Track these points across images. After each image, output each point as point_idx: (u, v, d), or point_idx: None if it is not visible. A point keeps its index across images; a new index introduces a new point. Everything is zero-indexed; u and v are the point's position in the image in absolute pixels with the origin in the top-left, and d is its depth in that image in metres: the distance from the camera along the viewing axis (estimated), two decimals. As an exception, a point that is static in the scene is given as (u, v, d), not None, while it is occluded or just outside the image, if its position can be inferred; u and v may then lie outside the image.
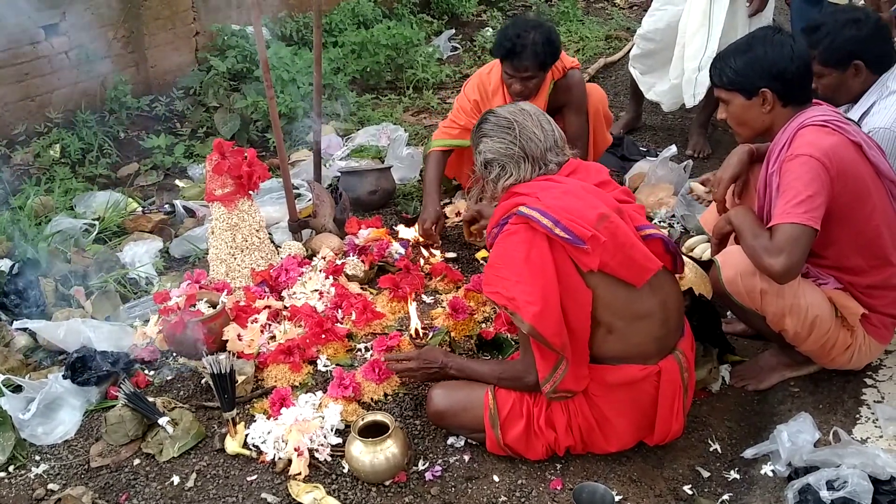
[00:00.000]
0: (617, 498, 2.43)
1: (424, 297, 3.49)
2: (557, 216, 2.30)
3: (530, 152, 2.45)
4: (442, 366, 2.68)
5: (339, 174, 4.35)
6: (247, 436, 2.69)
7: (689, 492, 2.51)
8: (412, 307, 3.17)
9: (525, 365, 2.47)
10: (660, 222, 4.04)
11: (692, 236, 3.74)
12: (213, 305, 3.16)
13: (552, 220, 2.29)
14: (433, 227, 3.71)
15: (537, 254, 2.32)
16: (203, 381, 2.96)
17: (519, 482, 2.53)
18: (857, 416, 2.69)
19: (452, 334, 3.13)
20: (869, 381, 2.84)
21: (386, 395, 2.89)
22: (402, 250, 3.74)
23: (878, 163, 2.58)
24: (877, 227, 2.58)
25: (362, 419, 2.59)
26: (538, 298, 2.30)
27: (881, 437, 2.59)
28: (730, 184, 2.84)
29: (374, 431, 2.54)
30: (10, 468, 2.68)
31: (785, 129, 2.58)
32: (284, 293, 3.42)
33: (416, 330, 3.13)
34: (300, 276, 3.48)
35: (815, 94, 2.98)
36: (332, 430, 2.67)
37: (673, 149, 4.29)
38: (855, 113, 2.99)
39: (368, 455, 2.47)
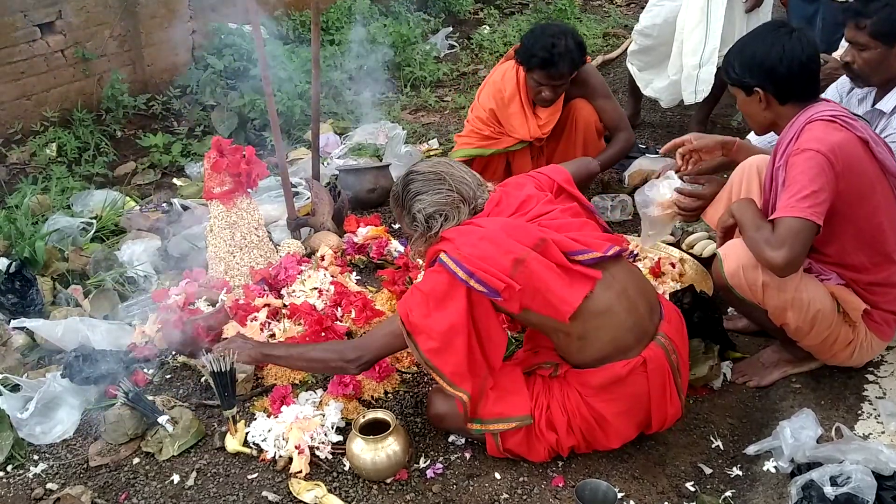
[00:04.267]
0: (619, 495, 2.42)
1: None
2: (472, 268, 2.34)
3: (465, 194, 2.52)
4: (253, 355, 2.65)
5: (337, 172, 4.34)
6: (247, 434, 2.68)
7: (692, 489, 2.50)
8: None
9: (365, 343, 2.56)
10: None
11: (692, 233, 3.73)
12: (213, 304, 3.15)
13: (467, 272, 2.34)
14: None
15: (452, 301, 2.37)
16: (203, 379, 2.94)
17: (520, 479, 2.52)
18: (860, 411, 2.69)
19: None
20: (870, 377, 2.84)
21: (386, 392, 2.88)
22: (401, 248, 3.73)
23: (885, 160, 2.56)
24: (880, 225, 2.57)
25: (363, 417, 2.58)
26: (439, 338, 2.36)
27: (883, 432, 2.59)
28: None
29: (375, 429, 2.53)
30: (9, 468, 2.66)
31: (792, 124, 2.57)
32: (284, 291, 3.40)
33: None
34: (299, 274, 3.47)
35: (850, 68, 2.96)
36: (332, 428, 2.66)
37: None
38: (887, 103, 2.94)
39: (370, 453, 2.46)
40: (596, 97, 3.89)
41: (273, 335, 3.13)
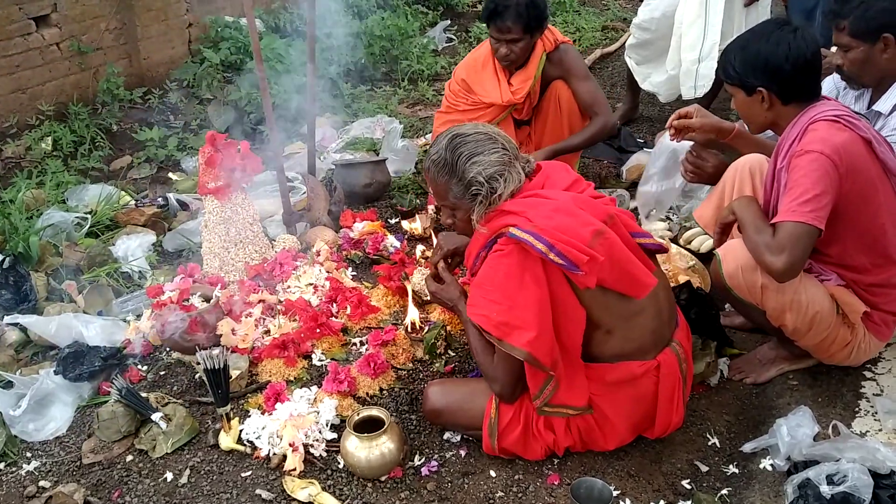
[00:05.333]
0: (615, 493, 2.41)
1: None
2: (552, 240, 2.22)
3: (514, 154, 2.40)
4: (453, 306, 2.70)
5: (333, 167, 4.32)
6: (241, 431, 2.66)
7: (688, 486, 2.49)
8: (411, 300, 3.15)
9: (495, 372, 2.44)
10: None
11: (690, 228, 3.71)
12: (207, 300, 3.13)
13: (546, 244, 2.22)
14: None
15: (531, 278, 2.26)
16: (197, 376, 2.93)
17: (516, 477, 2.51)
18: (857, 409, 2.68)
19: (448, 328, 3.10)
20: (868, 374, 2.82)
21: (381, 389, 2.87)
22: (397, 244, 3.71)
23: (887, 159, 2.53)
24: (882, 227, 2.54)
25: (358, 414, 2.56)
26: (534, 324, 2.25)
27: (881, 430, 2.57)
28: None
29: (369, 426, 2.51)
30: (1, 465, 2.65)
31: (795, 123, 2.53)
32: (279, 287, 3.39)
33: (413, 322, 3.12)
34: (294, 269, 3.45)
35: (841, 70, 2.95)
36: (327, 426, 2.65)
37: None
38: (885, 104, 2.90)
39: (364, 450, 2.45)
40: (571, 78, 3.87)
41: (268, 331, 3.11)
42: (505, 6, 3.58)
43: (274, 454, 2.58)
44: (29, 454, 2.69)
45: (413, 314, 3.15)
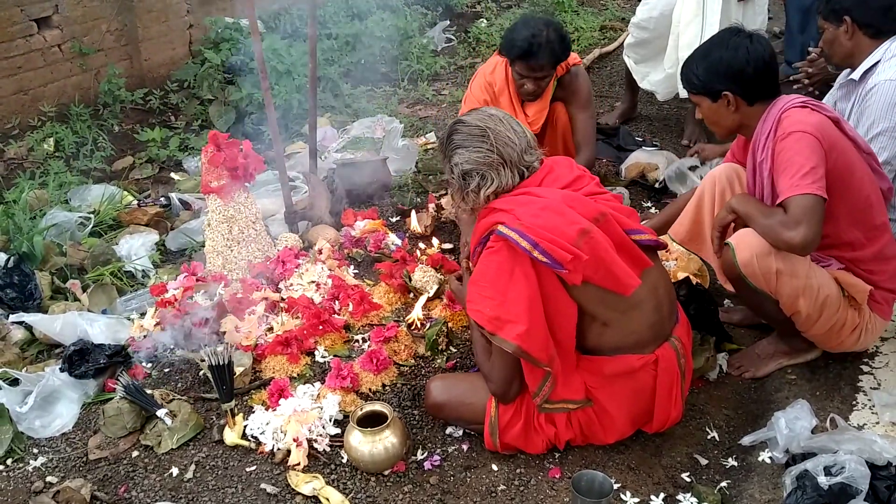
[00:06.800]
0: (615, 486, 2.44)
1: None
2: (536, 237, 2.27)
3: (508, 157, 2.42)
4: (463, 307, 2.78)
5: (334, 166, 4.34)
6: (245, 427, 2.69)
7: (688, 479, 2.52)
8: (422, 298, 3.19)
9: (488, 370, 2.49)
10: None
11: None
12: (211, 298, 3.16)
13: (531, 242, 2.27)
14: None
15: (521, 273, 2.31)
16: (201, 372, 2.95)
17: (517, 471, 2.54)
18: (854, 402, 2.71)
19: (450, 325, 3.13)
20: (865, 368, 2.86)
21: (384, 385, 2.89)
22: (398, 241, 3.74)
23: (856, 137, 2.65)
24: (868, 198, 2.63)
25: (361, 409, 2.59)
26: (524, 318, 2.29)
27: (877, 423, 2.61)
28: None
29: (372, 422, 2.54)
30: (9, 461, 2.67)
31: (766, 118, 2.63)
32: (281, 285, 3.41)
33: (416, 320, 3.15)
34: (297, 267, 3.48)
35: (824, 52, 3.23)
36: (330, 421, 2.67)
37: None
38: (857, 73, 3.05)
39: (367, 445, 2.48)
40: (573, 102, 3.82)
41: (270, 328, 3.14)
42: (539, 45, 3.47)
43: (278, 449, 2.61)
44: (36, 450, 2.71)
45: (417, 311, 3.18)
